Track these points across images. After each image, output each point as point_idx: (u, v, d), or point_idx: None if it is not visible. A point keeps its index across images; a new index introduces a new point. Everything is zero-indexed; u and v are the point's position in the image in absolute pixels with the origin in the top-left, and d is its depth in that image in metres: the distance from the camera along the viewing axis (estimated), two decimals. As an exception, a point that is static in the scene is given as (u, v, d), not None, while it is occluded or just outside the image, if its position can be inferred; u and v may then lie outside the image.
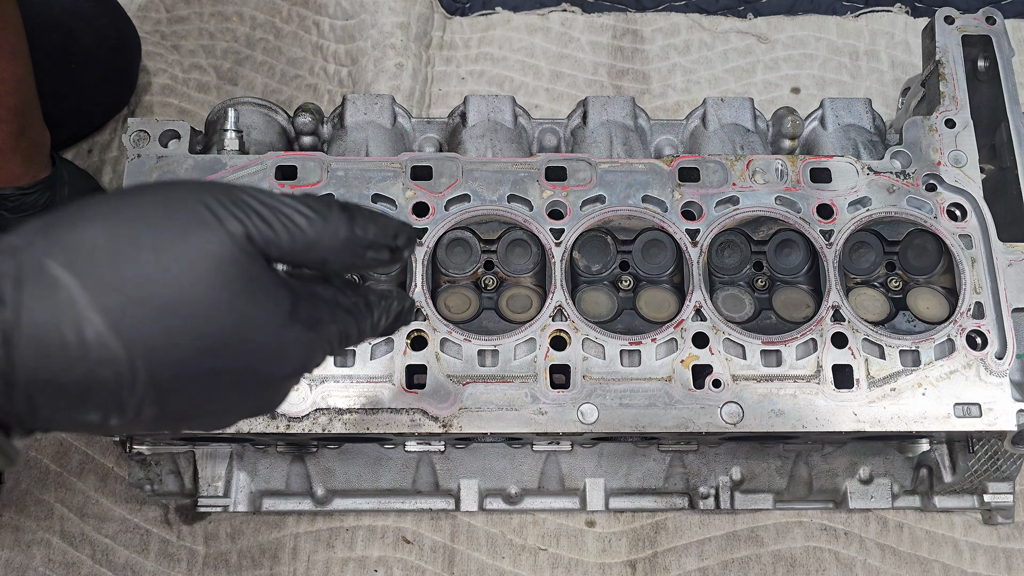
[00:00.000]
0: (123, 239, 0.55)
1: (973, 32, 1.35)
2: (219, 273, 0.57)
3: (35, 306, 0.52)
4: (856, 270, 1.29)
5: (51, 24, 1.52)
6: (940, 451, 1.34)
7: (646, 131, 1.40)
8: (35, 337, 0.52)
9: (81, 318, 0.53)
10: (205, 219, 0.57)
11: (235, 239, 0.58)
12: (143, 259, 0.55)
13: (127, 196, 0.58)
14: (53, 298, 0.53)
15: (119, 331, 0.54)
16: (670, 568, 1.37)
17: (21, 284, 0.52)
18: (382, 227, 0.66)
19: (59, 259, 0.53)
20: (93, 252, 0.54)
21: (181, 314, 0.56)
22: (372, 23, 1.78)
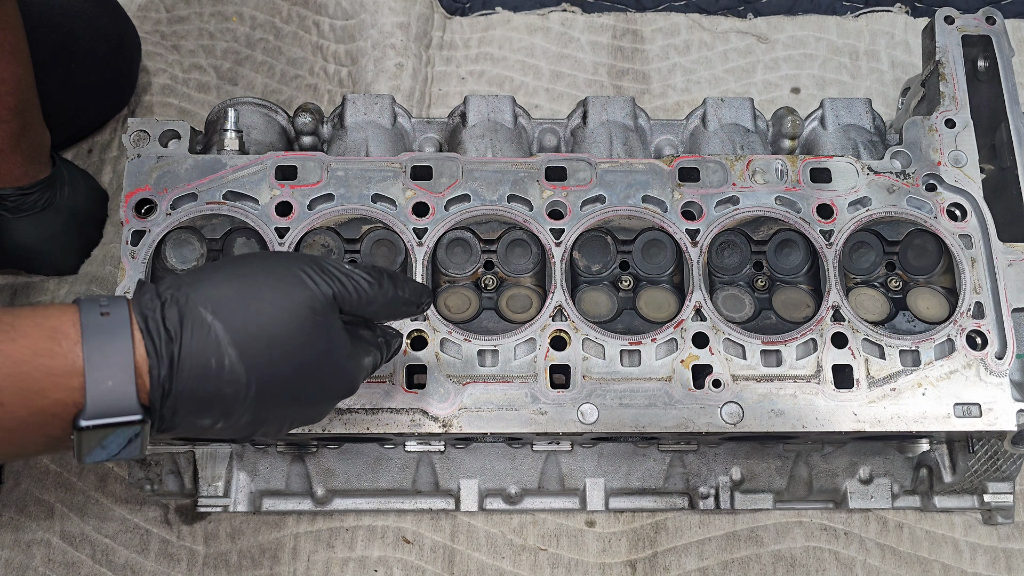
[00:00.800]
0: (249, 295, 0.80)
1: (973, 32, 1.35)
2: (311, 320, 0.82)
3: (193, 340, 0.76)
4: (856, 270, 1.29)
5: (51, 24, 1.52)
6: (940, 451, 1.34)
7: (646, 131, 1.40)
8: (191, 362, 0.75)
9: (223, 351, 0.77)
10: (304, 281, 0.83)
11: (324, 297, 0.83)
12: (262, 308, 0.79)
13: (250, 262, 0.85)
14: (206, 336, 0.76)
15: (244, 359, 0.78)
16: (670, 568, 1.37)
17: (183, 324, 0.76)
18: (413, 290, 0.94)
19: (209, 308, 0.77)
20: (230, 304, 0.78)
21: (284, 347, 0.80)
22: (372, 23, 1.78)
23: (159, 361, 0.74)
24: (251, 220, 1.19)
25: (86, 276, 1.55)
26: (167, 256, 1.23)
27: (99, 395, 0.72)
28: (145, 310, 0.75)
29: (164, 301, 0.76)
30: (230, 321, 0.77)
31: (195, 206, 1.20)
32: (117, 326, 0.74)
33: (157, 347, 0.74)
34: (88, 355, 0.72)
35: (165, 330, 0.75)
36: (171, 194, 1.20)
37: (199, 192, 1.20)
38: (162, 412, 0.76)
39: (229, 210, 1.20)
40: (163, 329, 0.75)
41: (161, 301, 0.76)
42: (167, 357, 0.75)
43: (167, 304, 0.76)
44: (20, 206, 1.46)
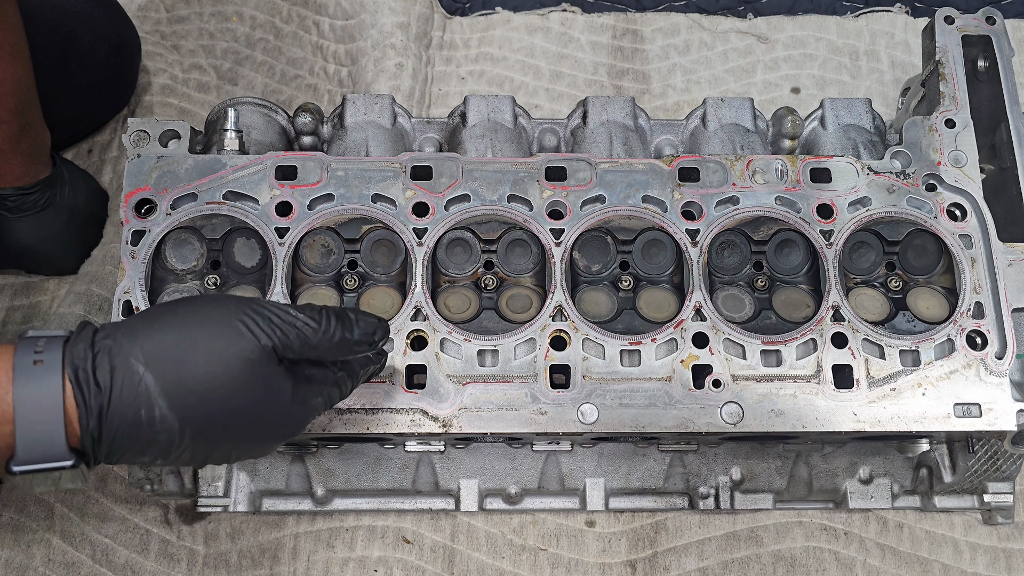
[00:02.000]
0: (185, 346, 0.80)
1: (973, 32, 1.35)
2: (247, 371, 0.82)
3: (122, 392, 0.77)
4: (856, 270, 1.29)
5: (51, 24, 1.52)
6: (940, 451, 1.34)
7: (646, 131, 1.40)
8: (120, 413, 0.77)
9: (152, 402, 0.78)
10: (242, 333, 0.83)
11: (261, 348, 0.83)
12: (197, 362, 0.80)
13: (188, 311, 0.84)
14: (135, 388, 0.77)
15: (176, 411, 0.79)
16: (670, 568, 1.37)
17: (113, 376, 0.77)
18: (364, 331, 0.92)
19: (141, 359, 0.78)
20: (164, 355, 0.79)
21: (219, 399, 0.81)
22: (372, 23, 1.78)
23: (87, 412, 0.76)
24: (251, 220, 1.19)
25: (86, 276, 1.55)
26: (167, 256, 1.23)
27: (29, 443, 0.75)
28: (76, 360, 0.76)
29: (96, 352, 0.77)
30: (162, 373, 0.78)
31: (195, 206, 1.20)
32: (48, 375, 0.75)
33: (86, 398, 0.76)
34: (18, 404, 0.74)
35: (95, 382, 0.76)
36: (171, 194, 1.20)
37: (199, 192, 1.20)
38: (95, 455, 0.79)
39: (229, 210, 1.20)
40: (93, 381, 0.76)
41: (93, 352, 0.77)
42: (96, 408, 0.76)
43: (99, 355, 0.77)
44: (20, 206, 1.46)
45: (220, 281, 1.24)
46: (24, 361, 0.77)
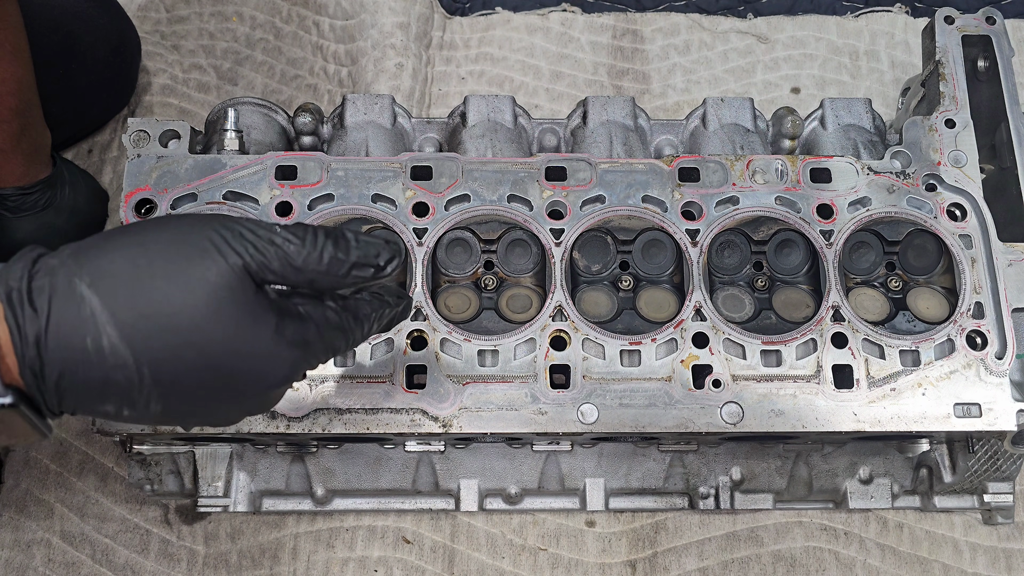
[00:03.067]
0: (140, 267, 0.67)
1: (973, 32, 1.35)
2: (215, 298, 0.68)
3: (62, 317, 0.65)
4: (856, 270, 1.29)
5: (51, 24, 1.52)
6: (940, 451, 1.34)
7: (646, 131, 1.40)
8: (61, 342, 0.65)
9: (99, 330, 0.66)
10: (208, 251, 0.69)
11: (232, 268, 0.70)
12: (154, 285, 0.67)
13: (147, 229, 0.71)
14: (78, 312, 0.65)
15: (130, 342, 0.66)
16: (670, 568, 1.37)
17: (52, 298, 0.65)
18: (364, 248, 0.76)
19: (85, 280, 0.66)
20: (114, 276, 0.67)
21: (182, 330, 0.68)
22: (372, 23, 1.78)
23: (22, 340, 0.65)
24: (251, 220, 1.19)
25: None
26: (167, 256, 1.23)
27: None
28: (12, 281, 0.65)
29: (35, 272, 0.66)
30: (111, 297, 0.66)
31: (195, 206, 1.20)
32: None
33: (20, 324, 0.65)
34: None
35: (31, 304, 0.65)
36: (171, 194, 1.20)
37: (199, 192, 1.20)
38: (43, 396, 0.67)
39: (229, 210, 1.20)
40: (28, 303, 0.65)
41: (31, 272, 0.66)
42: (31, 335, 0.65)
43: (37, 275, 0.66)
44: (21, 206, 1.46)
45: None
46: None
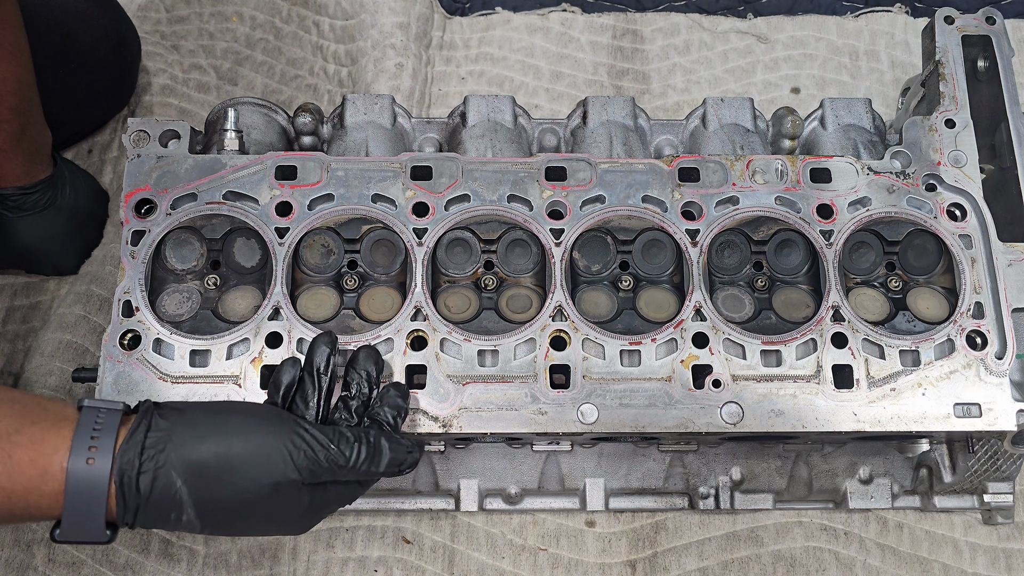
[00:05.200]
0: (225, 466, 0.88)
1: (973, 32, 1.35)
2: (274, 495, 0.90)
3: (159, 500, 0.87)
4: (856, 270, 1.29)
5: (51, 24, 1.52)
6: (940, 451, 1.34)
7: (646, 131, 1.40)
8: (153, 513, 0.88)
9: (183, 509, 0.88)
10: (278, 465, 0.90)
11: (296, 480, 0.91)
12: (234, 483, 0.88)
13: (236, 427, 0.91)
14: (171, 497, 0.87)
15: (202, 518, 0.89)
16: (670, 568, 1.37)
17: (154, 485, 0.86)
18: (392, 460, 0.97)
19: (181, 475, 0.87)
20: (203, 472, 0.88)
21: (243, 515, 0.91)
22: (372, 23, 1.78)
23: (125, 509, 0.86)
24: (251, 220, 1.19)
25: (86, 276, 1.55)
26: (167, 256, 1.23)
27: (73, 523, 0.86)
28: (124, 465, 0.85)
29: (143, 461, 0.86)
30: (197, 489, 0.87)
31: (195, 206, 1.20)
32: (98, 473, 0.85)
33: (127, 500, 0.86)
34: (69, 488, 0.85)
35: (136, 488, 0.86)
36: (171, 194, 1.20)
37: (199, 192, 1.20)
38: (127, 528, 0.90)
39: (229, 210, 1.20)
40: (135, 487, 0.86)
41: (140, 461, 0.86)
42: (132, 507, 0.86)
43: (144, 464, 0.86)
44: (22, 206, 1.46)
45: (220, 281, 1.24)
46: (80, 449, 0.85)
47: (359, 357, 1.04)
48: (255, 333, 1.15)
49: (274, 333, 1.15)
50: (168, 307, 1.21)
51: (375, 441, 0.96)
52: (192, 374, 1.13)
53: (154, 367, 1.13)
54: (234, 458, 0.88)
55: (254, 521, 0.93)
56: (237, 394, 1.13)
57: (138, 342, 1.14)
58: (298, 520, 0.97)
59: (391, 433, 0.99)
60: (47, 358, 1.46)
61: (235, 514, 0.91)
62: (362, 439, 0.95)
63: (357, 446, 0.94)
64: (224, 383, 1.13)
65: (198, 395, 1.13)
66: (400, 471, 0.98)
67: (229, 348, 1.14)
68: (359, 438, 0.95)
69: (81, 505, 0.85)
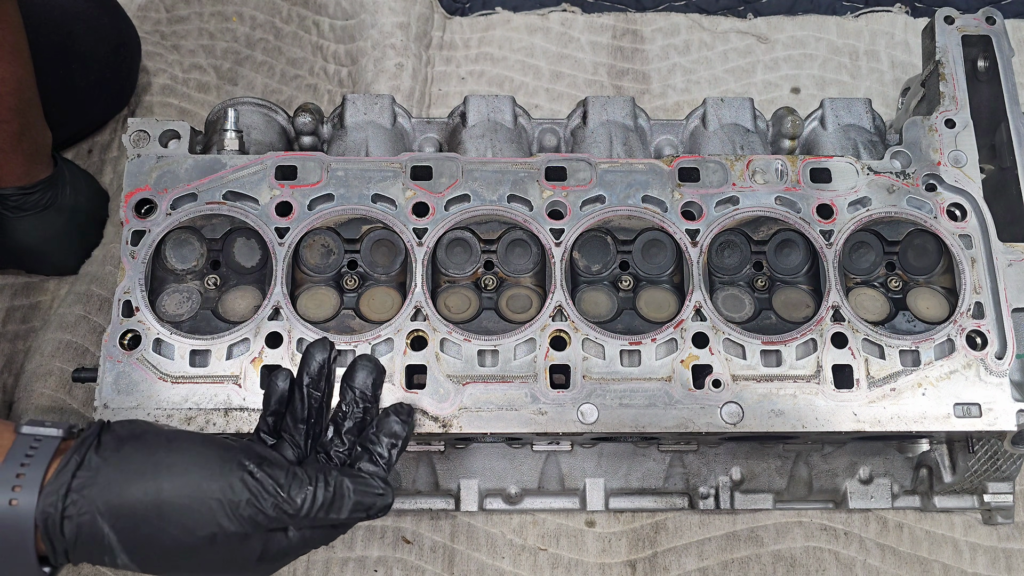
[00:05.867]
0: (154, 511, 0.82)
1: (973, 32, 1.35)
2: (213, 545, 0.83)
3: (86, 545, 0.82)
4: (856, 270, 1.29)
5: (51, 24, 1.52)
6: (940, 451, 1.34)
7: (646, 131, 1.40)
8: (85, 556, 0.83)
9: (115, 554, 0.83)
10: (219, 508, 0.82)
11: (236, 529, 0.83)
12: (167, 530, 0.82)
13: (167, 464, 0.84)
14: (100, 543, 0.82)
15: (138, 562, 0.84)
16: (670, 568, 1.37)
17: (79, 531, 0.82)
18: (356, 505, 0.88)
19: (107, 519, 0.81)
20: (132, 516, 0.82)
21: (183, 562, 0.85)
22: (372, 23, 1.78)
23: (55, 553, 0.82)
24: (251, 220, 1.19)
25: (86, 276, 1.56)
26: (167, 256, 1.23)
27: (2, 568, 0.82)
28: (48, 509, 0.81)
29: (66, 506, 0.81)
30: (125, 535, 0.82)
31: (195, 206, 1.20)
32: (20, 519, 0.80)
33: (54, 544, 0.82)
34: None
35: (62, 534, 0.81)
36: (171, 194, 1.20)
37: (199, 192, 1.20)
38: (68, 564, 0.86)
39: (229, 210, 1.20)
40: (60, 533, 0.81)
41: (64, 506, 0.81)
42: (61, 550, 0.82)
43: (68, 509, 0.81)
44: (22, 206, 1.46)
45: (220, 281, 1.24)
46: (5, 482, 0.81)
47: (356, 372, 0.97)
48: (255, 333, 1.15)
49: (274, 333, 1.15)
50: (168, 307, 1.21)
51: (336, 485, 0.87)
52: (192, 374, 1.13)
53: (154, 367, 1.13)
54: (163, 504, 0.82)
55: (199, 568, 0.86)
56: (237, 394, 1.13)
57: (138, 342, 1.14)
58: (252, 568, 0.88)
59: (357, 474, 0.91)
60: (47, 358, 1.46)
61: (173, 562, 0.84)
62: (319, 481, 0.86)
63: (311, 491, 0.85)
64: (224, 383, 1.13)
65: (198, 395, 1.13)
66: (369, 516, 0.90)
67: (229, 348, 1.14)
68: (316, 480, 0.86)
69: (5, 545, 0.81)
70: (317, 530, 0.90)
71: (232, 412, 1.12)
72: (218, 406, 1.12)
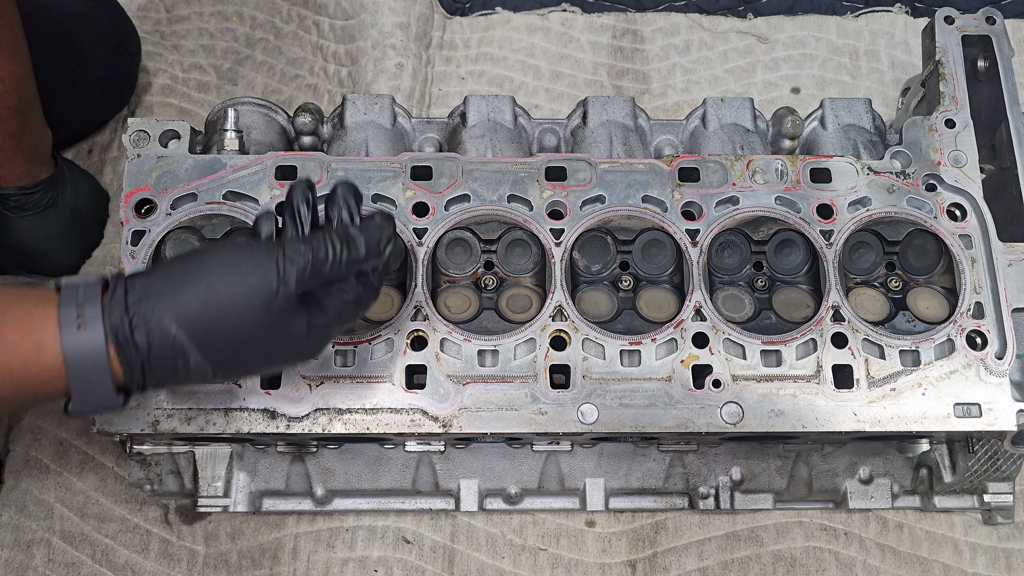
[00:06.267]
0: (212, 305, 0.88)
1: (973, 32, 1.35)
2: (267, 318, 0.90)
3: (160, 350, 0.86)
4: (856, 270, 1.29)
5: (51, 24, 1.52)
6: (940, 451, 1.34)
7: (646, 131, 1.40)
8: (160, 365, 0.87)
9: (187, 354, 0.88)
10: (263, 274, 0.89)
11: (284, 289, 0.90)
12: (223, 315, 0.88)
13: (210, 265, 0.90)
14: (172, 346, 0.87)
15: (208, 358, 0.89)
16: (670, 568, 1.37)
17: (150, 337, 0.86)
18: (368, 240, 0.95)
19: (173, 320, 0.86)
20: (193, 313, 0.87)
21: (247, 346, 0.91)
22: (372, 23, 1.78)
23: (130, 368, 0.86)
24: (251, 220, 1.19)
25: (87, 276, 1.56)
26: (167, 256, 1.23)
27: (82, 394, 0.87)
28: (115, 325, 0.85)
29: (132, 316, 0.85)
30: (193, 329, 0.87)
31: (195, 206, 1.20)
32: (92, 339, 0.85)
33: (128, 358, 0.86)
34: (69, 363, 0.85)
35: (134, 345, 0.85)
36: (171, 194, 1.20)
37: (199, 192, 1.20)
38: (139, 391, 0.91)
39: (229, 210, 1.20)
40: (132, 344, 0.85)
41: (129, 317, 0.85)
42: (137, 364, 0.86)
43: (135, 319, 0.85)
44: (23, 206, 1.46)
45: None
46: (68, 319, 0.85)
47: (337, 193, 1.00)
48: (255, 333, 1.15)
49: (274, 333, 1.15)
50: (168, 307, 1.21)
51: (345, 233, 0.94)
52: (192, 374, 1.13)
53: (154, 367, 1.13)
54: (217, 295, 0.88)
55: (261, 352, 0.93)
56: (237, 394, 1.13)
57: (138, 342, 1.14)
58: (304, 343, 0.95)
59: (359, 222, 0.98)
60: (47, 358, 1.46)
61: (239, 346, 0.90)
62: (331, 238, 0.93)
63: (328, 239, 0.93)
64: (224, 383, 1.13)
65: (198, 395, 1.13)
66: (382, 250, 0.97)
67: (229, 348, 1.14)
68: (328, 233, 0.94)
69: (83, 371, 0.85)
70: (347, 298, 0.97)
71: (232, 412, 1.12)
72: (218, 406, 1.12)
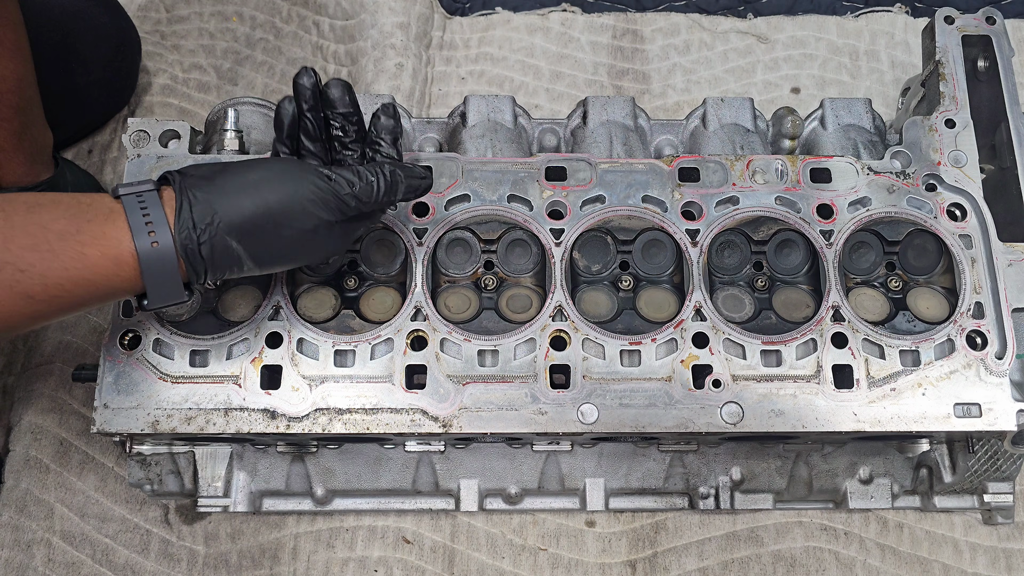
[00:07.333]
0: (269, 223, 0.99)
1: (973, 32, 1.35)
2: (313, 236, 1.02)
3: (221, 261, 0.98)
4: (856, 270, 1.29)
5: (51, 24, 1.52)
6: (940, 451, 1.34)
7: (646, 131, 1.40)
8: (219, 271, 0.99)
9: (243, 263, 1.00)
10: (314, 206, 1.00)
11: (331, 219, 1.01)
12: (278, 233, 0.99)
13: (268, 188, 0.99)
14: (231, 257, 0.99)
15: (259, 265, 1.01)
16: (670, 568, 1.37)
17: (214, 250, 0.97)
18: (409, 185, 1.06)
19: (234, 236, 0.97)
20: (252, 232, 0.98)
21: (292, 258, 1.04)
22: (372, 23, 1.78)
23: (196, 275, 0.98)
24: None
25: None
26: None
27: (157, 292, 0.98)
28: (185, 242, 0.95)
29: (199, 233, 0.96)
30: (250, 245, 0.99)
31: (195, 206, 1.20)
32: (166, 257, 0.96)
33: (196, 267, 0.97)
34: (147, 279, 0.96)
35: (200, 257, 0.96)
36: (171, 194, 1.19)
37: (199, 192, 1.20)
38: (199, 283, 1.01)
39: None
40: (199, 256, 0.96)
41: (197, 234, 0.96)
42: (202, 272, 0.98)
43: (202, 236, 0.96)
44: (21, 206, 1.46)
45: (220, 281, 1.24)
46: (141, 236, 0.95)
47: (333, 98, 1.08)
48: (255, 333, 1.15)
49: (274, 333, 1.15)
50: (168, 307, 1.21)
51: (390, 175, 1.05)
52: (192, 374, 1.13)
53: (154, 367, 1.13)
54: (271, 210, 0.98)
55: (299, 257, 1.05)
56: (237, 394, 1.13)
57: (138, 342, 1.14)
58: (336, 246, 1.07)
59: (404, 164, 1.08)
60: (47, 358, 1.46)
61: (284, 256, 1.03)
62: (379, 175, 1.04)
63: (375, 182, 1.03)
64: (224, 383, 1.13)
65: (198, 395, 1.13)
66: (417, 195, 1.08)
67: (229, 348, 1.14)
68: (376, 174, 1.04)
69: (159, 278, 0.96)
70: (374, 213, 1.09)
71: (232, 412, 1.12)
72: (218, 406, 1.12)
